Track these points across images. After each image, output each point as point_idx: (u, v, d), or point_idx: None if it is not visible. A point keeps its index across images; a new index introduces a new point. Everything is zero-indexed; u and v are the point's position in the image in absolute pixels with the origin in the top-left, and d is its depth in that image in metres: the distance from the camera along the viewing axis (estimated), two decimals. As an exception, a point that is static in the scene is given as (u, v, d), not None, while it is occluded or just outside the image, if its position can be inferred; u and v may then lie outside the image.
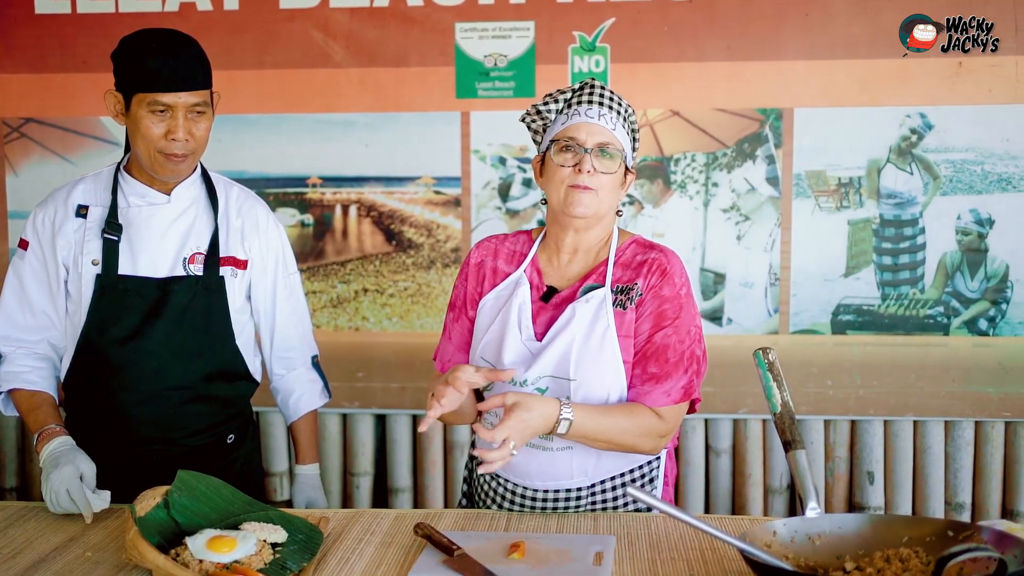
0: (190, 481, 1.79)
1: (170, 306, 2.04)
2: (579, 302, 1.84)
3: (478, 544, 1.73)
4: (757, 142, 2.94)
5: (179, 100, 1.95)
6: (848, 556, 1.56)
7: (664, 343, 1.83)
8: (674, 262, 1.87)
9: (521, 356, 1.85)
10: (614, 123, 1.84)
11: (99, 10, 3.09)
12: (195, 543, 1.59)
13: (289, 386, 2.23)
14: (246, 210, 2.15)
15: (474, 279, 1.98)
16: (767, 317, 2.99)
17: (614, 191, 1.85)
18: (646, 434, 1.82)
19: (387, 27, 2.99)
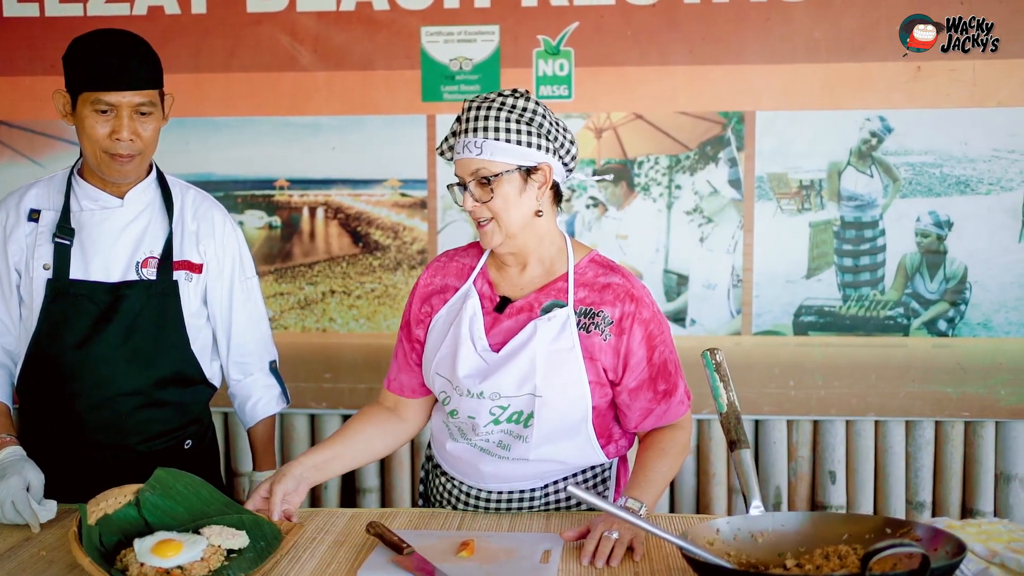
0: (167, 479, 1.78)
1: (122, 311, 2.03)
2: (541, 320, 1.84)
3: (429, 543, 1.75)
4: (719, 145, 2.97)
5: (123, 99, 1.94)
6: (789, 553, 1.59)
7: (662, 360, 1.88)
8: (636, 284, 1.90)
9: (476, 368, 1.86)
10: (480, 145, 1.79)
11: (67, 13, 3.10)
12: (142, 545, 1.59)
13: (246, 391, 2.22)
14: (202, 213, 2.13)
15: (420, 300, 1.99)
16: (730, 318, 3.02)
17: (513, 205, 1.80)
18: (682, 453, 1.93)
19: (353, 31, 3.01)
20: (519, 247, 1.86)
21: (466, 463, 1.94)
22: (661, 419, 1.92)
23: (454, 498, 2.00)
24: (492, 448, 1.91)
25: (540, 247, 1.88)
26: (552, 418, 1.85)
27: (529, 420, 1.85)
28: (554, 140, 1.84)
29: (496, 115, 1.79)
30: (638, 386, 1.88)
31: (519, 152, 1.79)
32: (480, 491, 1.96)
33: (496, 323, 1.89)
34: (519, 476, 1.93)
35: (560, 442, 1.89)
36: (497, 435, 1.89)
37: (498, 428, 1.88)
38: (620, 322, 1.84)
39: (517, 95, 1.83)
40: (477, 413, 1.86)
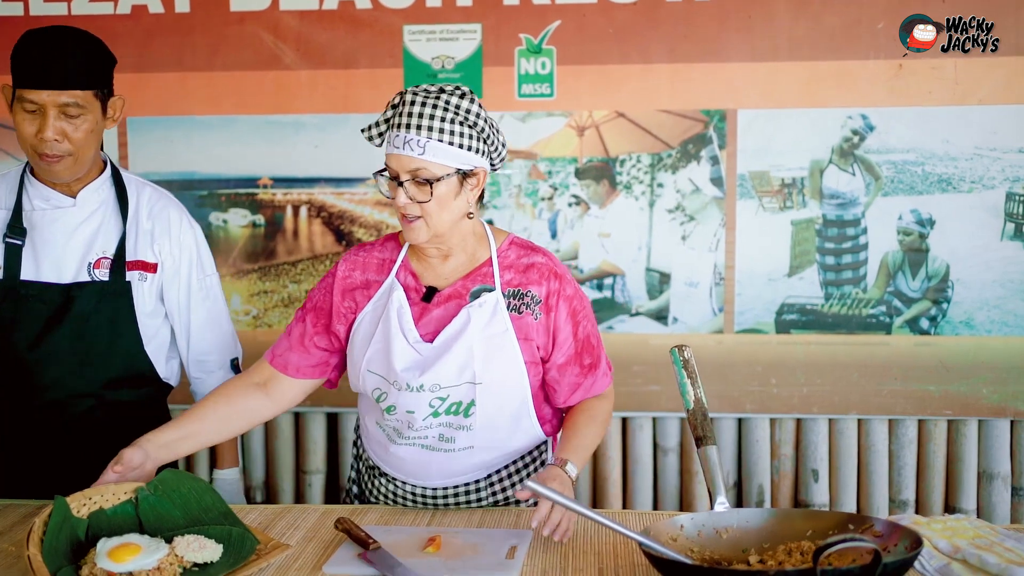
0: (171, 482, 1.77)
1: (73, 312, 2.02)
2: (472, 306, 1.86)
3: (397, 539, 1.76)
4: (701, 143, 2.98)
5: (47, 99, 1.90)
6: (753, 549, 1.60)
7: (586, 335, 1.94)
8: (558, 263, 1.95)
9: (413, 360, 1.86)
10: (423, 145, 1.76)
11: (53, 12, 3.11)
12: (104, 545, 1.58)
13: (205, 390, 2.20)
14: (157, 211, 2.11)
15: (341, 293, 1.96)
16: (712, 316, 3.02)
17: (444, 208, 1.80)
18: (607, 422, 1.99)
19: (336, 29, 3.02)
20: (444, 242, 1.88)
21: (412, 463, 1.94)
22: (588, 391, 1.97)
23: (400, 499, 2.00)
24: (435, 443, 1.91)
25: (464, 240, 1.90)
26: (493, 403, 1.88)
27: (470, 409, 1.87)
28: (490, 143, 1.84)
29: (442, 115, 1.77)
30: (566, 362, 1.93)
31: (459, 155, 1.79)
32: (425, 488, 1.96)
33: (425, 313, 1.89)
34: (465, 468, 1.94)
35: (503, 427, 1.92)
36: (436, 429, 1.89)
37: (436, 421, 1.88)
38: (547, 300, 1.89)
39: (460, 94, 1.80)
40: (416, 407, 1.87)
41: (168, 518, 1.73)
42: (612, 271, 3.03)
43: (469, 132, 1.80)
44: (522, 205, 3.04)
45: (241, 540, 1.68)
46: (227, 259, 3.13)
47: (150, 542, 1.62)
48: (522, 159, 3.02)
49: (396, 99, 1.82)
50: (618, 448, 3.15)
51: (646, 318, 3.03)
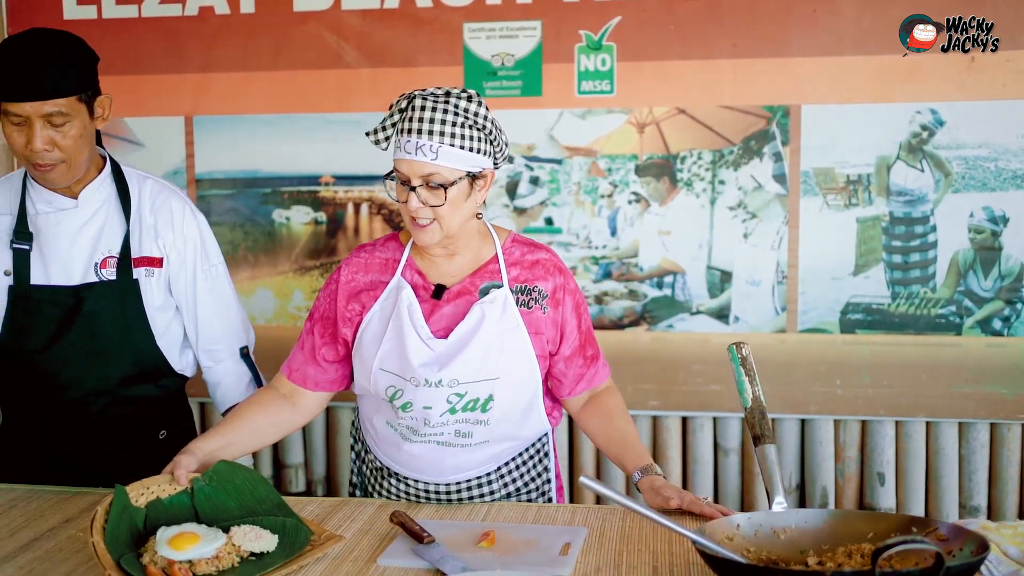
0: (226, 473, 1.80)
1: (83, 314, 2.03)
2: (484, 302, 1.87)
3: (451, 533, 1.76)
4: (764, 139, 2.93)
5: (31, 111, 1.88)
6: (811, 551, 1.56)
7: (588, 327, 2.01)
8: (559, 258, 2.00)
9: (429, 357, 1.87)
10: (436, 150, 1.76)
11: (124, 15, 3.19)
12: (164, 534, 1.62)
13: (216, 378, 2.22)
14: (159, 205, 2.10)
15: (345, 297, 1.95)
16: (774, 315, 2.97)
17: (456, 211, 1.81)
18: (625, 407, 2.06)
19: (397, 28, 3.04)
20: (453, 242, 1.89)
21: (427, 460, 1.94)
22: (591, 382, 2.03)
23: (411, 497, 2.00)
24: (451, 439, 1.92)
25: (469, 239, 1.92)
26: (509, 398, 1.91)
27: (488, 404, 1.89)
28: (496, 145, 1.86)
29: (452, 120, 1.77)
30: (572, 353, 1.98)
31: (469, 158, 1.80)
32: (438, 484, 1.97)
33: (435, 310, 1.90)
34: (479, 461, 1.96)
35: (516, 420, 1.95)
36: (452, 425, 1.90)
37: (453, 418, 1.89)
38: (554, 294, 1.93)
39: (467, 97, 1.80)
40: (433, 403, 1.87)
41: (223, 508, 1.76)
42: (672, 269, 3.00)
43: (478, 135, 1.80)
44: (581, 202, 3.02)
45: (295, 531, 1.69)
46: (289, 256, 3.17)
47: (208, 531, 1.65)
48: (582, 156, 3.01)
49: (403, 103, 1.82)
50: (678, 448, 3.11)
51: (707, 317, 3.00)
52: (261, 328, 3.17)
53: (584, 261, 3.04)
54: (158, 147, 3.19)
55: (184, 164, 3.19)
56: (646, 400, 3.05)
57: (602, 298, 3.04)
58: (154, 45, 3.16)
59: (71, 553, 1.71)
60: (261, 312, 3.21)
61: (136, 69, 3.18)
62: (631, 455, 1.93)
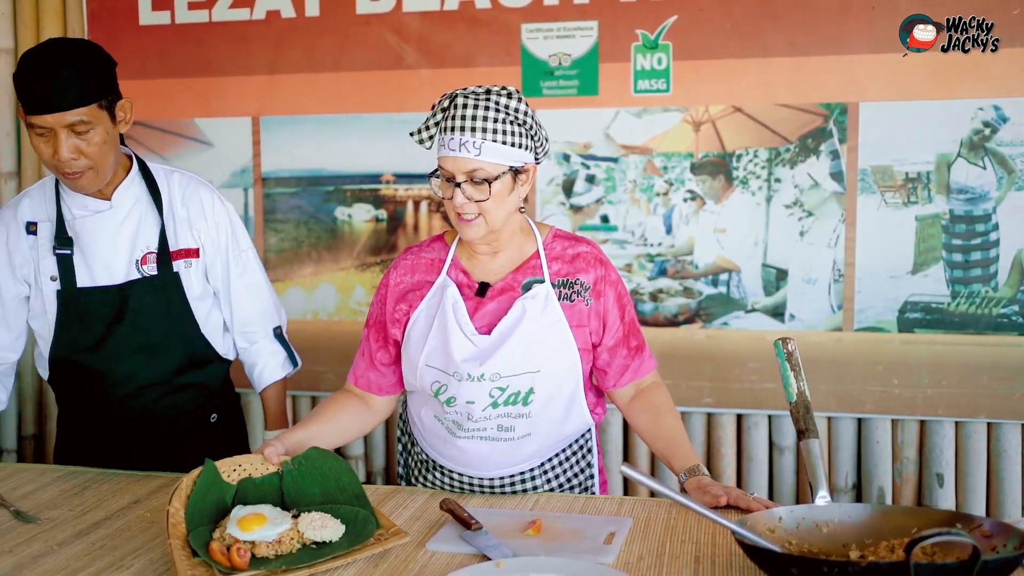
0: (316, 459, 1.86)
1: (130, 310, 2.11)
2: (525, 298, 1.92)
3: (499, 521, 1.81)
4: (821, 137, 2.92)
5: (53, 122, 1.92)
6: (854, 544, 1.58)
7: (631, 318, 2.03)
8: (600, 250, 2.03)
9: (472, 352, 1.92)
10: (479, 146, 1.81)
11: (195, 20, 3.31)
12: (237, 513, 1.69)
13: (252, 358, 2.30)
14: (189, 196, 2.17)
15: (394, 299, 2.02)
16: (830, 313, 2.96)
17: (501, 205, 1.86)
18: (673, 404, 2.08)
19: (456, 29, 3.10)
20: (497, 238, 1.94)
21: (473, 455, 1.99)
22: (637, 373, 2.05)
23: (456, 490, 2.05)
24: (495, 434, 1.96)
25: (512, 235, 1.96)
26: (550, 391, 1.95)
27: (529, 397, 1.93)
28: (536, 140, 1.90)
29: (494, 116, 1.82)
30: (615, 344, 2.01)
31: (511, 154, 1.84)
32: (482, 479, 2.02)
33: (479, 307, 1.95)
34: (522, 457, 2.00)
35: (558, 413, 1.99)
36: (495, 420, 1.95)
37: (496, 412, 1.94)
38: (595, 286, 1.97)
39: (507, 94, 1.85)
40: (476, 397, 1.92)
41: (307, 493, 1.82)
42: (728, 267, 3.01)
43: (519, 131, 1.85)
44: (637, 200, 3.05)
45: (364, 523, 1.73)
46: (351, 253, 3.26)
47: (277, 515, 1.71)
48: (637, 155, 3.04)
49: (445, 102, 1.88)
50: (732, 445, 3.12)
51: (762, 315, 3.00)
52: (323, 323, 3.27)
53: (639, 259, 3.06)
54: (226, 147, 3.31)
55: (251, 163, 3.30)
56: (700, 397, 3.06)
57: (657, 295, 3.06)
58: (223, 48, 3.27)
59: (139, 531, 1.80)
60: (323, 307, 3.30)
61: (206, 72, 3.30)
62: (679, 455, 1.96)
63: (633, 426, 2.10)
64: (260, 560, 1.62)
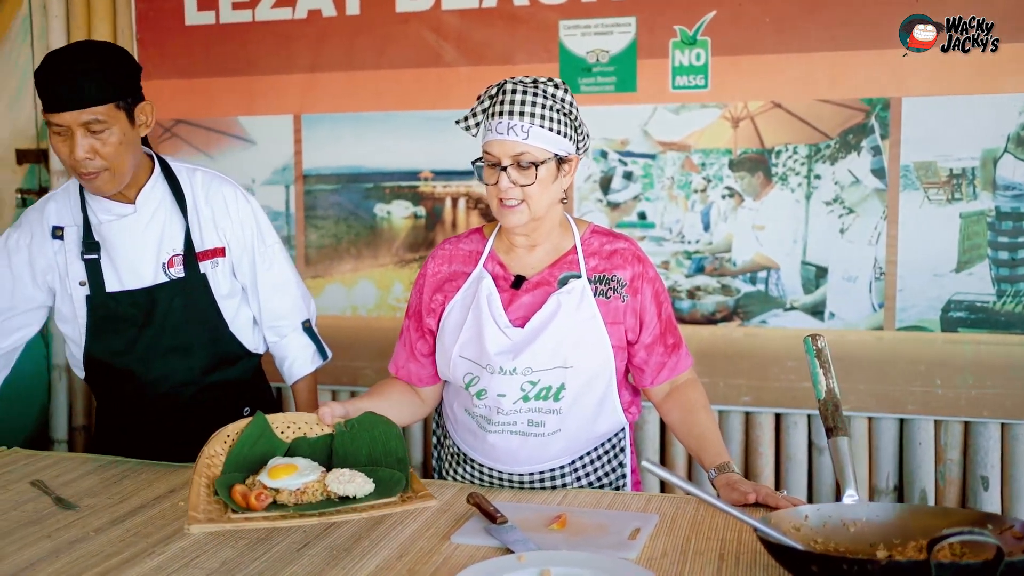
0: (367, 423, 1.91)
1: (159, 313, 2.12)
2: (561, 293, 1.92)
3: (525, 515, 1.81)
4: (862, 133, 2.87)
5: (70, 119, 1.93)
6: (881, 544, 1.55)
7: (668, 314, 2.02)
8: (638, 247, 2.02)
9: (505, 345, 1.92)
10: (527, 130, 1.83)
11: (239, 19, 3.36)
12: (272, 463, 1.76)
13: (282, 352, 2.32)
14: (212, 194, 2.17)
15: (431, 288, 2.04)
16: (871, 312, 2.91)
17: (545, 191, 1.87)
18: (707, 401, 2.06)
19: (495, 27, 3.11)
20: (537, 228, 1.94)
21: (503, 450, 2.00)
22: (674, 370, 2.04)
23: (487, 484, 2.05)
24: (525, 428, 1.96)
25: (551, 229, 1.96)
26: (582, 387, 1.94)
27: (560, 392, 1.93)
28: (579, 133, 1.92)
29: (542, 103, 1.85)
30: (652, 342, 2.00)
31: (557, 142, 1.87)
32: (512, 475, 2.02)
33: (514, 299, 1.95)
34: (552, 454, 1.99)
35: (589, 411, 1.98)
36: (525, 414, 1.95)
37: (526, 406, 1.94)
38: (632, 283, 1.96)
39: (554, 84, 1.88)
40: (507, 390, 1.93)
41: (354, 455, 1.87)
42: (766, 264, 2.98)
43: (565, 120, 1.88)
44: (675, 197, 3.03)
45: (394, 484, 1.79)
46: (390, 249, 3.29)
47: (309, 466, 1.77)
48: (675, 151, 3.02)
49: (493, 90, 1.90)
50: (771, 444, 3.09)
51: (801, 313, 2.96)
52: (363, 319, 3.30)
53: (677, 256, 3.04)
54: (268, 144, 3.36)
55: (292, 161, 3.34)
56: (738, 396, 3.03)
57: (695, 293, 3.04)
58: (266, 47, 3.32)
59: (172, 519, 1.84)
60: (363, 303, 3.33)
61: (249, 70, 3.35)
62: (710, 452, 1.95)
63: (667, 423, 2.10)
64: (279, 508, 1.67)
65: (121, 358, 2.18)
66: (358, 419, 1.90)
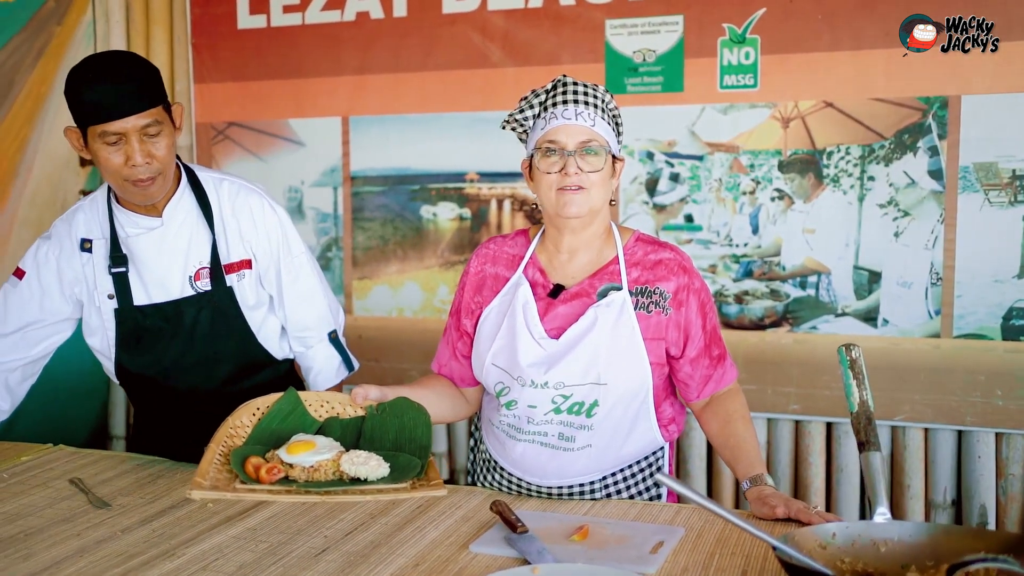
0: (398, 408, 1.92)
1: (185, 326, 2.12)
2: (599, 305, 1.86)
3: (548, 525, 1.78)
4: (919, 133, 2.76)
5: (128, 125, 1.92)
6: (914, 566, 1.48)
7: (714, 326, 1.95)
8: (685, 256, 1.94)
9: (538, 357, 1.88)
10: (593, 118, 1.83)
11: (289, 23, 3.39)
12: (294, 438, 1.78)
13: (308, 363, 2.30)
14: (239, 206, 2.15)
15: (472, 288, 2.01)
16: (927, 319, 2.80)
17: (604, 185, 1.86)
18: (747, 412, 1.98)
19: (541, 27, 3.08)
20: (589, 225, 1.89)
21: (531, 460, 1.95)
22: (719, 383, 1.98)
23: (515, 493, 2.01)
24: (555, 442, 1.91)
25: (595, 236, 1.92)
26: (615, 405, 1.88)
27: (592, 409, 1.87)
28: (620, 139, 1.94)
29: (601, 99, 1.87)
30: (697, 355, 1.93)
31: (613, 139, 1.87)
32: (540, 487, 1.97)
33: (550, 309, 1.90)
34: (581, 470, 1.94)
35: (622, 429, 1.91)
36: (556, 427, 1.90)
37: (557, 418, 1.89)
38: (677, 295, 1.89)
39: (603, 89, 1.90)
40: (538, 402, 1.89)
41: (381, 439, 1.88)
42: (817, 269, 2.89)
43: (616, 121, 1.90)
44: (723, 199, 2.96)
45: (408, 470, 1.79)
46: (436, 251, 3.28)
47: (328, 445, 1.79)
48: (723, 152, 2.95)
49: (548, 85, 1.91)
50: (821, 455, 2.99)
51: (853, 319, 2.86)
52: (408, 320, 3.30)
53: (724, 259, 2.97)
54: (317, 146, 3.38)
55: (340, 162, 3.36)
56: (787, 404, 2.95)
57: (742, 297, 2.96)
58: (315, 50, 3.35)
59: (199, 521, 1.84)
60: (408, 304, 3.33)
61: (299, 73, 3.38)
62: (743, 463, 1.89)
63: (705, 433, 2.04)
64: (289, 483, 1.68)
65: (150, 369, 2.20)
66: (390, 403, 1.90)
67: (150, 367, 2.19)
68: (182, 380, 2.21)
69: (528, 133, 1.95)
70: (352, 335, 3.35)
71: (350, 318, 3.37)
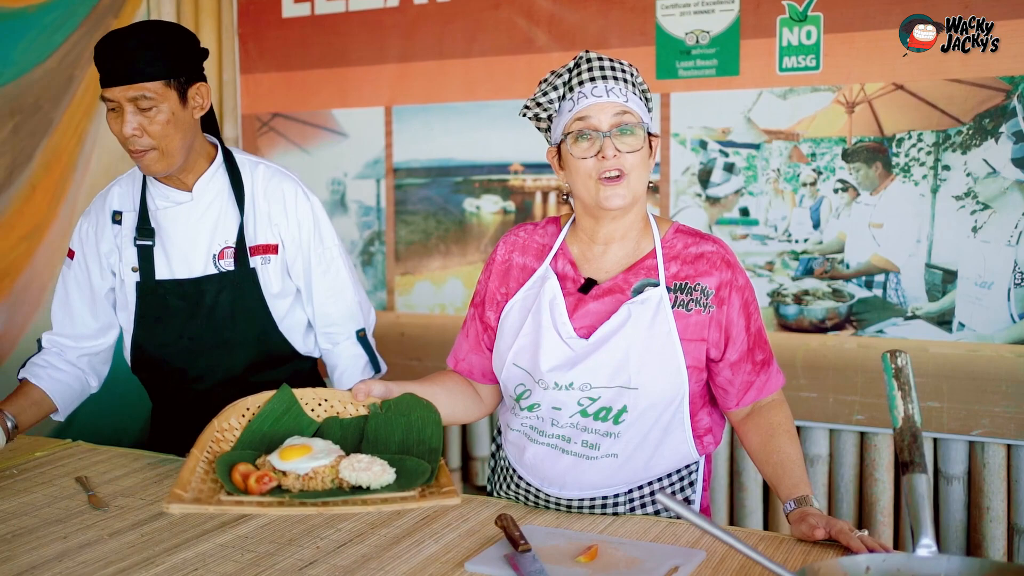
0: (405, 405, 1.80)
1: (206, 306, 2.07)
2: (634, 302, 1.69)
3: (556, 543, 1.63)
4: (1001, 117, 2.50)
5: (119, 94, 1.91)
6: (961, 608, 1.28)
7: (757, 328, 1.76)
8: (728, 249, 1.76)
9: (563, 358, 1.71)
10: (625, 94, 1.67)
11: (333, 10, 3.31)
12: (288, 442, 1.65)
13: (333, 361, 2.21)
14: (272, 190, 2.10)
15: (498, 277, 1.85)
16: (1010, 323, 2.54)
17: (644, 167, 1.70)
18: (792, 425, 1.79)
19: (588, 9, 2.92)
20: (627, 215, 1.73)
21: (549, 466, 1.79)
22: (762, 391, 1.79)
23: (532, 505, 1.86)
24: (577, 449, 1.74)
25: (631, 225, 1.75)
26: (646, 412, 1.70)
27: (620, 415, 1.69)
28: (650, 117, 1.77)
29: (630, 72, 1.72)
30: (739, 359, 1.74)
31: (646, 113, 1.71)
32: (559, 499, 1.81)
33: (580, 305, 1.73)
34: (604, 482, 1.76)
35: (652, 439, 1.74)
36: (580, 433, 1.73)
37: (583, 421, 1.72)
38: (719, 292, 1.71)
39: (629, 64, 1.74)
40: (563, 404, 1.73)
41: (386, 440, 1.75)
42: (884, 267, 2.65)
43: (646, 96, 1.75)
44: (781, 191, 2.74)
45: (418, 474, 1.66)
46: (478, 246, 3.15)
47: (326, 448, 1.65)
48: (782, 140, 2.73)
49: (570, 64, 1.74)
50: (889, 470, 2.75)
51: (925, 322, 2.61)
52: (450, 317, 3.18)
53: (783, 256, 2.76)
54: (360, 137, 3.28)
55: (383, 154, 3.26)
56: (851, 414, 2.72)
57: (802, 297, 2.74)
58: (359, 38, 3.25)
59: (189, 527, 1.75)
60: (451, 301, 3.21)
61: (342, 62, 3.29)
62: (787, 482, 1.69)
63: (744, 446, 1.84)
64: (282, 494, 1.55)
65: (166, 349, 2.15)
66: (395, 400, 1.76)
67: (166, 347, 2.14)
68: (199, 363, 2.14)
69: (552, 119, 1.78)
70: (394, 332, 3.24)
71: (392, 315, 3.26)
